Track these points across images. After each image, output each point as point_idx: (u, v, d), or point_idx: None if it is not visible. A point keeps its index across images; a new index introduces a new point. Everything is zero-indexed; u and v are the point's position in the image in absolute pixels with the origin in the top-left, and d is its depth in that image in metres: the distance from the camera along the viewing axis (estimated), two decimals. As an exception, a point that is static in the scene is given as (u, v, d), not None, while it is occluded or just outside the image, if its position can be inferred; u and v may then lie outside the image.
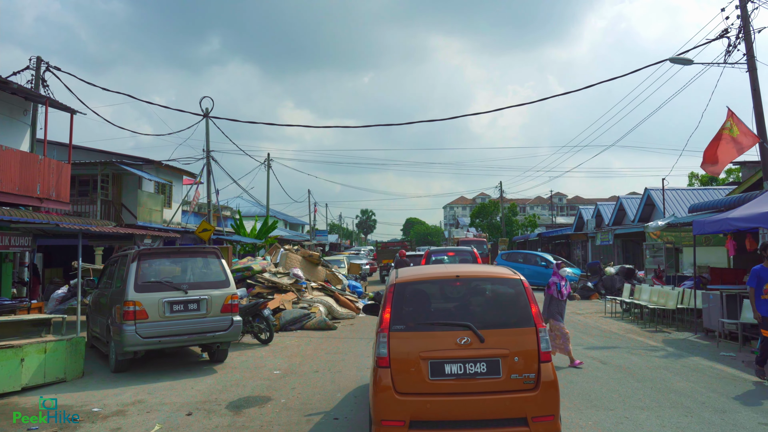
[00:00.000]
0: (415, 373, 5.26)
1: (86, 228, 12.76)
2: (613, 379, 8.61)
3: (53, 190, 17.18)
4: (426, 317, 5.70)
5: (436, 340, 5.37)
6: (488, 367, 5.26)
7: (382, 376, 5.29)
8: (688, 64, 15.52)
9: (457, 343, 5.29)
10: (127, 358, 9.55)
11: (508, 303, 5.82)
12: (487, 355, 5.27)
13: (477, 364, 5.27)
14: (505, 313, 5.75)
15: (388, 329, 5.43)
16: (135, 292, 9.26)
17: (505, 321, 5.59)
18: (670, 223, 17.24)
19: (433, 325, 5.53)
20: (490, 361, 5.27)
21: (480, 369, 5.25)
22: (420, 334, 5.47)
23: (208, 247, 10.74)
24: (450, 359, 5.26)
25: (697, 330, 13.16)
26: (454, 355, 5.27)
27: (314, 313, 14.92)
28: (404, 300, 5.72)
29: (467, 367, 5.26)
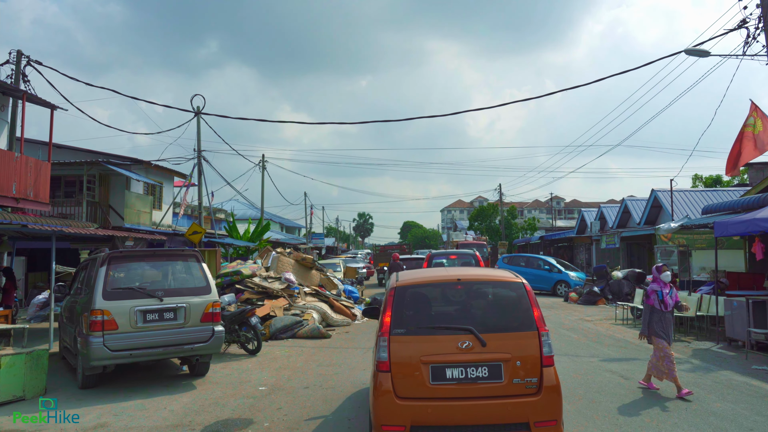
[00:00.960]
0: (416, 378, 5.17)
1: (59, 229, 11.81)
2: (639, 398, 7.66)
3: (30, 190, 16.19)
4: (427, 321, 5.57)
5: (437, 344, 5.28)
6: (490, 371, 5.19)
7: (383, 380, 5.21)
8: (705, 55, 14.61)
9: (458, 347, 5.21)
10: (96, 373, 8.57)
11: (510, 307, 5.71)
12: (489, 360, 5.19)
13: (479, 369, 5.20)
14: (507, 316, 5.64)
15: (389, 333, 5.34)
16: (103, 300, 8.27)
17: (507, 325, 5.50)
18: (683, 225, 16.30)
19: (434, 329, 5.41)
20: (492, 366, 5.20)
21: (482, 373, 5.18)
22: (421, 338, 5.34)
23: (188, 250, 9.76)
24: (451, 363, 5.18)
25: (719, 339, 12.21)
26: (456, 359, 5.18)
27: (307, 321, 13.95)
28: (405, 304, 5.60)
29: (469, 371, 5.17)
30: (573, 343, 12.21)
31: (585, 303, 21.14)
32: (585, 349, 11.47)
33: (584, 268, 34.77)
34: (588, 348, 11.65)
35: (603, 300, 21.09)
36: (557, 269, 25.67)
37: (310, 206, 63.74)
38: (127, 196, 24.00)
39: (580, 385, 8.36)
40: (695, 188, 34.16)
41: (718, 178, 42.35)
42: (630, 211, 30.17)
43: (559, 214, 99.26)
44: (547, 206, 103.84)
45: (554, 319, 16.61)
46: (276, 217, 61.45)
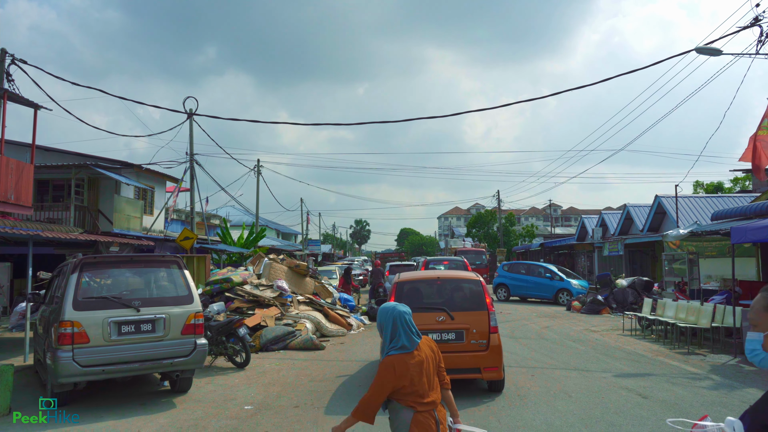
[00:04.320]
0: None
1: (35, 233, 11.08)
2: (664, 421, 6.93)
3: (12, 193, 15.44)
4: (417, 303, 8.23)
5: (423, 317, 7.90)
6: (456, 335, 8.10)
7: None
8: (717, 54, 14.01)
9: (436, 320, 8.10)
10: (66, 390, 7.83)
11: (471, 295, 8.55)
12: (456, 328, 8.10)
13: (449, 334, 8.10)
14: (469, 301, 8.48)
15: None
16: (73, 310, 7.52)
17: (468, 306, 8.38)
18: (693, 232, 15.62)
19: (421, 308, 8.12)
20: (458, 332, 8.10)
21: (451, 337, 8.09)
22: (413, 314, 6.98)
23: (169, 255, 9.04)
24: (432, 330, 7.94)
25: (736, 352, 11.52)
26: (435, 327, 8.02)
27: (300, 331, 13.21)
28: (403, 292, 8.46)
29: (443, 335, 8.05)
30: (581, 357, 11.50)
31: (588, 312, 20.44)
32: (595, 363, 10.77)
33: (586, 275, 34.07)
34: (598, 362, 10.94)
35: (607, 309, 20.40)
36: (559, 277, 24.98)
37: (307, 213, 63.00)
38: (116, 201, 23.22)
39: (595, 405, 7.65)
40: (696, 194, 33.54)
41: (719, 184, 41.79)
42: (632, 217, 29.51)
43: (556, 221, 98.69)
44: (545, 213, 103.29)
45: (558, 329, 15.90)
46: (272, 223, 60.70)
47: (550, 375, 9.71)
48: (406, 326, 3.62)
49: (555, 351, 12.17)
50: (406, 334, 3.60)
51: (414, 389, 3.53)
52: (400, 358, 3.55)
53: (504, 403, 7.82)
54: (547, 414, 7.26)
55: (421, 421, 3.51)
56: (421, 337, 3.71)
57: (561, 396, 8.18)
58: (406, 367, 3.52)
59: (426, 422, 3.52)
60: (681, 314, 13.54)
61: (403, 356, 3.55)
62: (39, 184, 22.68)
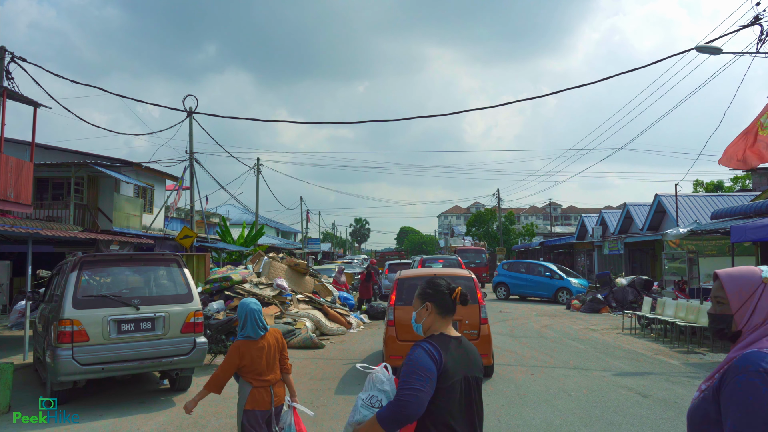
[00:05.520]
0: (409, 329, 8.20)
1: (35, 231, 11.08)
2: (663, 420, 6.94)
3: (11, 191, 15.42)
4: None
5: None
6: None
7: (390, 331, 9.04)
8: (717, 53, 13.98)
9: None
10: (65, 389, 7.83)
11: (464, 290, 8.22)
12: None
13: None
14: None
15: (394, 305, 9.17)
16: (73, 309, 7.52)
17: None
18: (693, 231, 15.63)
19: None
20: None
21: None
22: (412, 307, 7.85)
23: (168, 254, 9.03)
24: None
25: (736, 351, 11.51)
26: None
27: (299, 329, 13.21)
28: (403, 288, 9.31)
29: None
30: (581, 355, 11.50)
31: (588, 311, 20.45)
32: (595, 362, 10.77)
33: (585, 274, 34.07)
34: (597, 360, 10.95)
35: (607, 308, 20.40)
36: (558, 276, 24.98)
37: (307, 211, 62.98)
38: (116, 199, 23.23)
39: (595, 404, 7.65)
40: (696, 193, 33.55)
41: (719, 183, 41.80)
42: (632, 216, 29.51)
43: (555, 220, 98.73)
44: (544, 212, 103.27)
45: (558, 328, 15.91)
46: (272, 221, 60.70)
47: (550, 374, 9.71)
48: (254, 320, 4.49)
49: (555, 350, 12.18)
50: (252, 327, 4.47)
51: (254, 368, 4.41)
52: (245, 343, 4.45)
53: (503, 402, 7.82)
54: (547, 413, 7.26)
55: (256, 393, 4.42)
56: (266, 330, 4.57)
57: (561, 395, 8.18)
58: (249, 351, 4.42)
59: (260, 395, 4.43)
60: (681, 313, 13.55)
61: (248, 342, 4.45)
62: (39, 182, 22.66)
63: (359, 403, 2.77)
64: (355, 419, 2.74)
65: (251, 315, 4.49)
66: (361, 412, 2.73)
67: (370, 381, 2.82)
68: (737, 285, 2.05)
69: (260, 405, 4.41)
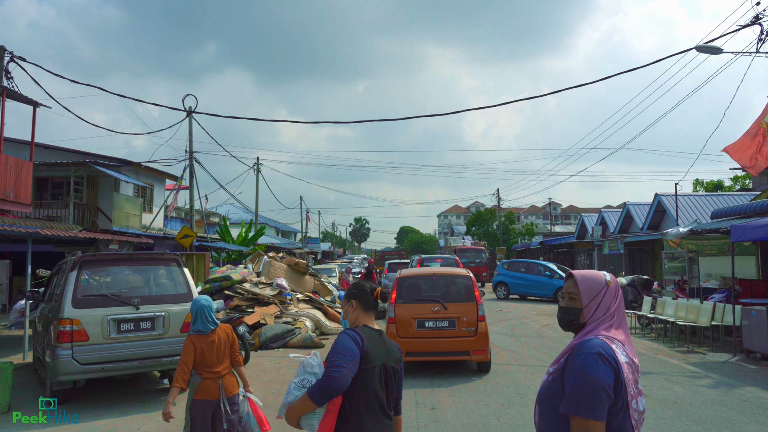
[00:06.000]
0: (409, 326, 9.36)
1: (34, 231, 11.07)
2: (663, 420, 6.93)
3: (11, 191, 15.40)
4: (415, 295, 9.71)
5: (420, 308, 9.42)
6: (449, 323, 9.37)
7: (390, 328, 9.38)
8: (717, 53, 13.97)
9: (432, 310, 9.35)
10: (65, 388, 7.82)
11: (462, 288, 9.85)
12: (449, 317, 9.36)
13: (443, 321, 9.35)
14: (460, 293, 9.76)
15: (395, 302, 9.56)
16: (73, 308, 7.52)
17: (459, 298, 9.66)
18: (693, 230, 15.61)
19: (419, 300, 9.60)
20: (450, 320, 9.36)
21: (444, 324, 9.35)
22: (411, 305, 9.49)
23: (168, 253, 9.02)
24: (428, 318, 9.34)
25: (736, 351, 11.51)
26: (430, 316, 9.33)
27: (299, 329, 13.21)
28: (403, 286, 9.82)
29: (437, 323, 9.31)
30: (581, 355, 11.49)
31: None
32: (595, 361, 10.76)
33: (585, 274, 34.04)
34: (598, 360, 10.94)
35: (607, 307, 20.37)
36: (559, 275, 24.95)
37: (306, 210, 62.97)
38: (115, 199, 23.21)
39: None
40: (696, 193, 33.52)
41: (719, 183, 41.79)
42: (632, 216, 29.51)
43: (555, 219, 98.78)
44: (544, 212, 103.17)
45: (558, 328, 15.79)
46: (271, 221, 60.68)
47: (550, 373, 9.70)
48: (204, 316, 4.78)
49: (555, 349, 12.17)
50: (203, 322, 4.77)
51: (203, 361, 4.69)
52: (196, 337, 4.75)
53: (504, 402, 7.82)
54: (547, 412, 7.25)
55: (204, 384, 4.68)
56: (216, 325, 4.87)
57: (561, 394, 8.16)
58: (200, 344, 4.71)
59: (208, 385, 4.69)
60: (681, 313, 13.54)
61: (198, 336, 4.75)
62: (38, 181, 22.64)
63: (292, 387, 3.06)
64: (288, 400, 3.03)
65: (201, 311, 4.79)
66: (293, 394, 3.02)
67: (302, 366, 3.12)
68: (588, 285, 2.38)
69: (208, 395, 4.69)
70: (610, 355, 2.15)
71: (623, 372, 2.16)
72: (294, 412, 2.97)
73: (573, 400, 2.12)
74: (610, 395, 2.11)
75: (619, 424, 2.15)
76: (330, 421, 2.94)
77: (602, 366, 2.12)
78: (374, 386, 2.98)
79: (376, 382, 2.99)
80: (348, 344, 2.95)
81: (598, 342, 2.21)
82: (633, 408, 2.19)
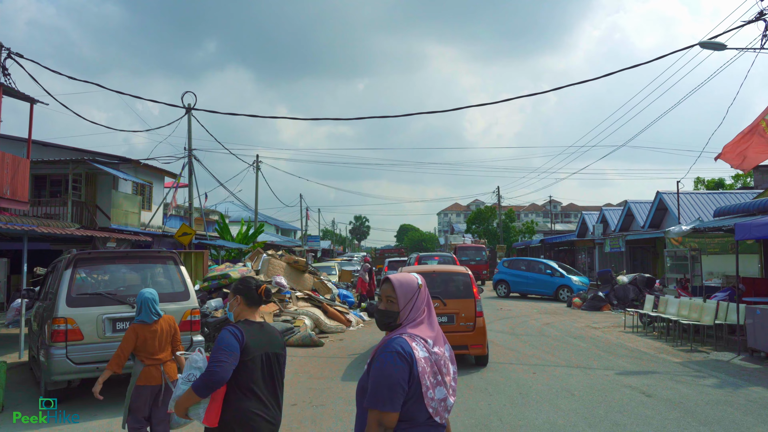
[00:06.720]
0: None
1: (30, 229, 10.94)
2: (669, 420, 6.80)
3: (7, 188, 15.28)
4: None
5: None
6: (448, 318, 9.69)
7: None
8: (721, 49, 13.84)
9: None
10: (60, 388, 7.69)
11: (460, 285, 10.17)
12: (448, 312, 9.64)
13: (442, 317, 9.57)
14: (459, 290, 10.07)
15: None
16: (67, 307, 7.38)
17: (458, 294, 9.96)
18: (696, 228, 15.48)
19: None
20: (450, 315, 9.70)
21: (443, 320, 9.58)
22: None
23: (165, 251, 8.88)
24: None
25: (740, 350, 11.39)
26: None
27: (298, 327, 13.09)
28: None
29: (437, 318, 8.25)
30: (583, 354, 11.37)
31: (589, 309, 20.31)
32: (597, 361, 10.64)
33: (586, 272, 33.94)
34: (600, 359, 10.82)
35: (608, 306, 20.27)
36: (559, 273, 24.83)
37: (306, 208, 62.84)
38: (114, 196, 23.07)
39: (598, 404, 7.52)
40: (698, 191, 33.39)
41: (720, 181, 41.65)
42: (633, 213, 29.37)
43: (555, 217, 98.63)
44: (544, 210, 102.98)
45: (560, 326, 15.78)
46: (271, 219, 60.55)
47: (552, 372, 9.58)
48: (148, 307, 5.14)
49: (556, 348, 12.05)
50: (146, 313, 5.12)
51: (145, 348, 5.03)
52: (139, 326, 5.09)
53: (505, 402, 7.69)
54: (550, 413, 7.13)
55: (146, 371, 5.02)
56: (159, 316, 5.21)
57: (564, 394, 8.05)
58: (143, 333, 5.05)
59: (150, 372, 5.03)
60: (684, 311, 13.41)
61: (142, 325, 5.10)
62: (36, 179, 22.51)
63: (180, 382, 3.44)
64: (176, 394, 3.41)
65: (146, 303, 5.15)
66: (181, 388, 3.40)
67: (188, 363, 3.51)
68: (404, 289, 2.59)
69: (150, 381, 5.02)
70: (408, 353, 2.42)
71: (417, 366, 2.41)
72: (182, 404, 3.30)
73: (372, 395, 2.40)
74: (404, 388, 2.38)
75: (410, 410, 2.42)
76: (215, 409, 3.27)
77: (398, 363, 2.39)
78: (255, 375, 3.33)
79: (257, 371, 3.34)
80: (228, 340, 3.26)
81: (399, 341, 2.46)
82: (429, 397, 2.43)
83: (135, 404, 4.97)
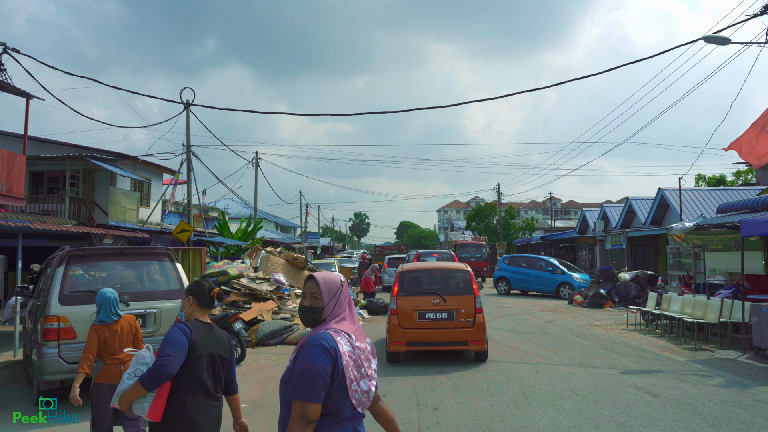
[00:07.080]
0: (410, 317, 9.91)
1: (24, 225, 10.77)
2: (676, 422, 6.63)
3: (3, 184, 15.10)
4: (416, 288, 10.29)
5: (421, 300, 9.99)
6: (448, 314, 9.89)
7: (393, 319, 9.97)
8: (725, 43, 13.64)
9: (432, 302, 9.93)
10: (53, 388, 7.52)
11: (460, 281, 10.30)
12: (448, 309, 9.89)
13: (442, 313, 9.88)
14: (459, 287, 10.23)
15: (397, 295, 10.14)
16: (60, 305, 7.22)
17: (458, 291, 10.15)
18: (699, 225, 15.32)
19: (420, 292, 10.18)
20: (450, 312, 9.88)
21: (444, 316, 9.88)
22: (413, 297, 10.05)
23: (160, 248, 8.70)
24: (428, 310, 9.89)
25: (745, 348, 11.23)
26: (431, 308, 9.89)
27: (297, 325, 12.93)
28: (405, 280, 10.39)
29: (437, 314, 9.86)
30: (586, 352, 11.21)
31: (591, 306, 20.14)
32: (601, 359, 10.48)
33: (587, 269, 33.77)
34: (604, 358, 10.65)
35: (610, 303, 20.09)
36: (560, 270, 24.66)
37: (306, 205, 62.62)
38: (112, 193, 22.86)
39: (603, 404, 7.35)
40: (700, 188, 33.21)
41: (722, 177, 41.47)
42: (635, 210, 29.19)
43: (555, 214, 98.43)
44: (544, 206, 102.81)
45: (561, 324, 15.61)
46: (271, 216, 60.35)
47: (555, 372, 9.41)
48: (108, 308, 5.15)
49: (558, 346, 11.88)
50: (106, 313, 5.13)
51: (106, 348, 5.06)
52: (100, 326, 5.10)
53: (508, 402, 7.53)
54: (554, 414, 6.96)
55: (106, 369, 5.07)
56: (119, 317, 5.21)
57: (567, 394, 7.88)
58: (103, 332, 5.07)
59: (110, 370, 5.06)
60: (687, 309, 13.24)
61: (102, 326, 5.11)
62: (33, 175, 22.33)
63: (125, 377, 3.53)
64: (121, 389, 3.48)
65: (106, 303, 5.15)
66: (126, 383, 3.48)
67: (135, 359, 3.60)
68: (328, 286, 2.68)
69: (109, 379, 5.02)
70: (332, 347, 2.48)
71: (342, 360, 2.48)
72: (126, 397, 3.38)
73: (295, 387, 2.46)
74: (326, 381, 2.44)
75: (335, 402, 2.48)
76: (159, 404, 3.36)
77: (323, 356, 2.45)
78: (200, 372, 3.44)
79: (203, 369, 3.45)
80: (177, 336, 3.38)
81: (324, 335, 2.52)
82: (353, 390, 2.51)
83: (97, 400, 5.05)
